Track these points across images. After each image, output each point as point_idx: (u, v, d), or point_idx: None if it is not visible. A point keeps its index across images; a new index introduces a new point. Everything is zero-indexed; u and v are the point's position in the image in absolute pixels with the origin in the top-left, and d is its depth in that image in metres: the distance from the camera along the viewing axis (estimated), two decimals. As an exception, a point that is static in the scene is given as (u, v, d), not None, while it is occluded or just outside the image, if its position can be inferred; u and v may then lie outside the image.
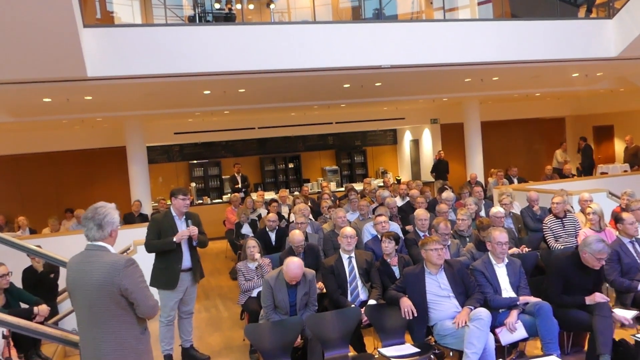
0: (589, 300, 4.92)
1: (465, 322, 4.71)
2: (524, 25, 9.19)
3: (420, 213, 7.02)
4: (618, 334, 5.04)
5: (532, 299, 5.03)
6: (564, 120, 19.04)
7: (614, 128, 17.38)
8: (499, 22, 9.39)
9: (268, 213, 9.36)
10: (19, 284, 6.42)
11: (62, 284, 7.37)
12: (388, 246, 5.86)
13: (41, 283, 6.85)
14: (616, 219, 6.13)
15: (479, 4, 11.18)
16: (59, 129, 14.00)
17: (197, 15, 9.92)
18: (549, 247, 7.07)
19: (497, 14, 10.41)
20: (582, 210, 7.51)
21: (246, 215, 10.20)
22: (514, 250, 6.41)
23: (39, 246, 6.57)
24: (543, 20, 9.28)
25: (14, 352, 4.98)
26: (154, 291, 5.23)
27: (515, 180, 12.96)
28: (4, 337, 4.78)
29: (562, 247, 6.90)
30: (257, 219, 10.37)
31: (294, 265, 5.15)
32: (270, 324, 5.03)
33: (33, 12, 5.26)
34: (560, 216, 7.21)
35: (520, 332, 4.83)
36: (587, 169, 15.76)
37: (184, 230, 5.69)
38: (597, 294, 4.92)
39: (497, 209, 7.27)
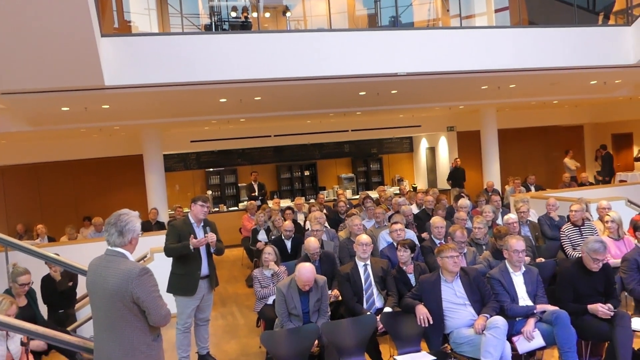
0: (591, 308, 4.87)
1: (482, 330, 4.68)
2: (541, 33, 9.13)
3: (437, 221, 6.99)
4: (637, 343, 4.98)
5: (550, 308, 4.97)
6: (582, 128, 18.87)
7: (633, 136, 17.17)
8: (516, 29, 9.34)
9: (284, 220, 9.36)
10: (38, 292, 6.48)
11: (80, 291, 7.44)
12: (404, 255, 5.85)
13: (59, 291, 6.90)
14: (635, 227, 6.07)
15: (496, 11, 11.14)
16: (78, 137, 14.15)
17: (213, 23, 10.00)
18: (566, 256, 7.00)
19: (514, 22, 10.36)
20: (601, 218, 7.43)
21: (264, 219, 10.24)
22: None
23: (57, 254, 6.64)
24: (561, 27, 9.21)
25: (31, 358, 5.02)
26: (170, 298, 5.29)
27: (533, 188, 12.86)
28: (22, 344, 4.83)
29: (579, 255, 6.83)
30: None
31: (305, 270, 5.16)
32: (286, 331, 5.02)
33: (51, 22, 5.33)
34: (579, 224, 7.14)
35: (538, 341, 4.77)
36: (608, 177, 15.54)
37: (202, 239, 5.71)
38: (599, 305, 4.85)
39: (509, 215, 7.22)
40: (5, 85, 6.80)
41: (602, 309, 4.80)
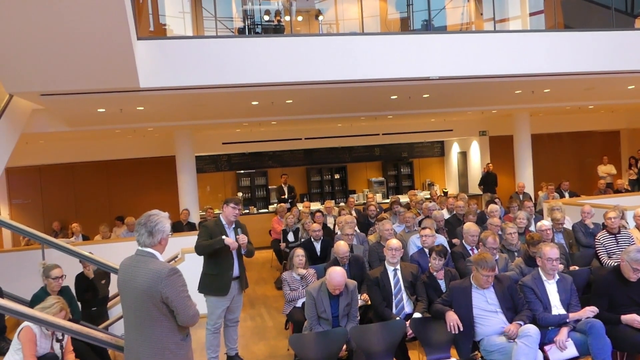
0: (625, 319, 4.77)
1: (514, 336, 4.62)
2: (577, 36, 8.96)
3: (470, 227, 6.89)
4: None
5: (584, 314, 4.88)
6: (618, 133, 18.47)
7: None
8: (551, 33, 9.18)
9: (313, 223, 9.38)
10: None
11: (112, 290, 7.57)
12: (438, 263, 5.78)
13: (92, 289, 7.03)
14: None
15: (531, 14, 10.99)
16: (112, 138, 14.41)
17: (246, 27, 10.07)
18: (601, 264, 6.85)
19: (549, 25, 10.20)
20: (638, 227, 7.27)
21: (293, 221, 10.28)
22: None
23: (91, 252, 6.78)
24: (597, 31, 9.04)
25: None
26: (201, 299, 5.34)
27: (567, 195, 12.63)
28: (57, 340, 4.92)
29: (616, 264, 6.67)
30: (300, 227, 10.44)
31: (336, 274, 5.16)
32: (315, 334, 5.03)
33: (90, 26, 5.44)
34: (615, 232, 6.99)
35: (571, 351, 4.69)
36: None
37: (234, 242, 5.75)
38: (635, 315, 4.75)
39: (542, 222, 7.10)
40: (44, 86, 6.95)
41: (638, 320, 4.70)
